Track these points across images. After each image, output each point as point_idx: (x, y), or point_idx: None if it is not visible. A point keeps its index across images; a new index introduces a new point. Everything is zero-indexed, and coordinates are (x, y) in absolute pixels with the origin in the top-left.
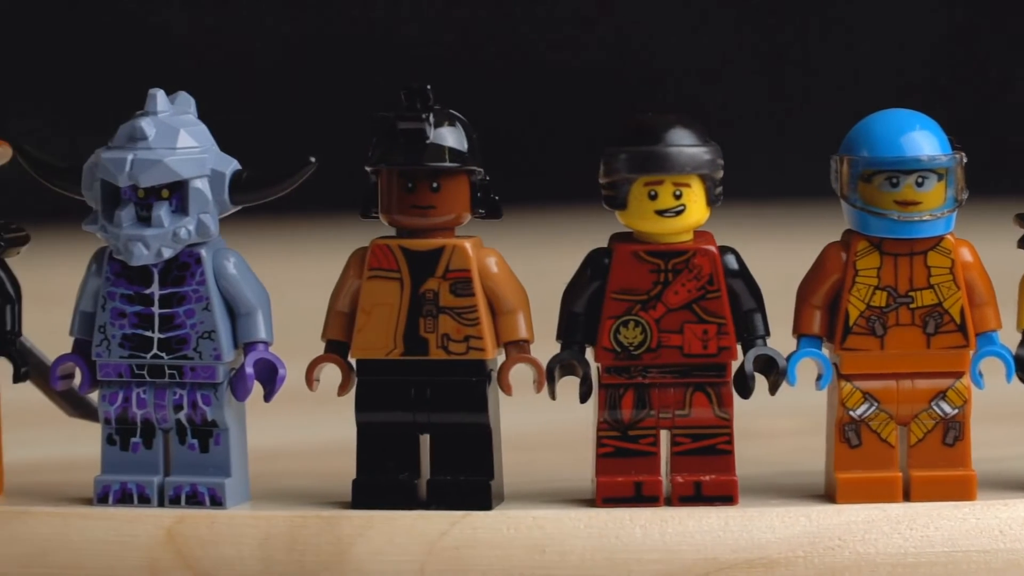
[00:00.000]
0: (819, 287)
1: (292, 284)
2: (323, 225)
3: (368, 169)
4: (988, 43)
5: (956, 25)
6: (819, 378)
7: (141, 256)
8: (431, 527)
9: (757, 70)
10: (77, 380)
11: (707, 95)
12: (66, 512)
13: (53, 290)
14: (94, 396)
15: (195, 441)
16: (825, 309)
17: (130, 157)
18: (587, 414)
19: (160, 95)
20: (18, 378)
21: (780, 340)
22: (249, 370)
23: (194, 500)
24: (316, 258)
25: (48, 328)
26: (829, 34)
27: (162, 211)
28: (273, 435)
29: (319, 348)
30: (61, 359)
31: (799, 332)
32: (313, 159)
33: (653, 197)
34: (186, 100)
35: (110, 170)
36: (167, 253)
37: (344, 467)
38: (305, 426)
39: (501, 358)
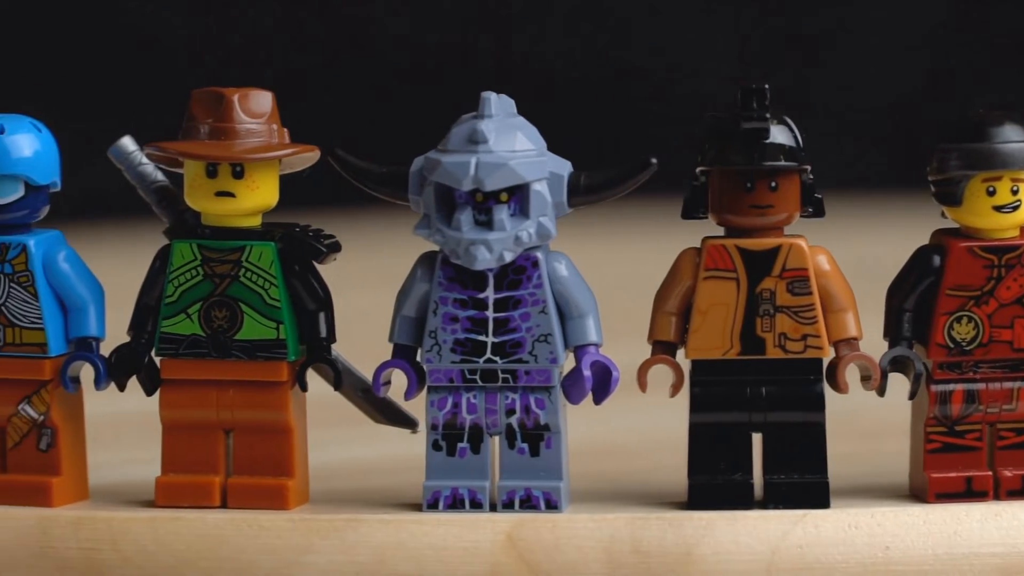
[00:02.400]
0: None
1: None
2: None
3: (699, 170)
4: (989, 43)
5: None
6: None
7: (484, 260)
8: (773, 527)
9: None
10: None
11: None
12: (399, 519)
13: None
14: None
15: (525, 445)
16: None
17: (473, 160)
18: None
19: (494, 97)
20: (338, 386)
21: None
22: (587, 372)
23: (528, 504)
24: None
25: None
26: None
27: (503, 214)
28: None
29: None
30: (384, 366)
31: None
32: (654, 160)
33: (991, 193)
34: (508, 102)
35: (452, 174)
36: (508, 257)
37: (641, 465)
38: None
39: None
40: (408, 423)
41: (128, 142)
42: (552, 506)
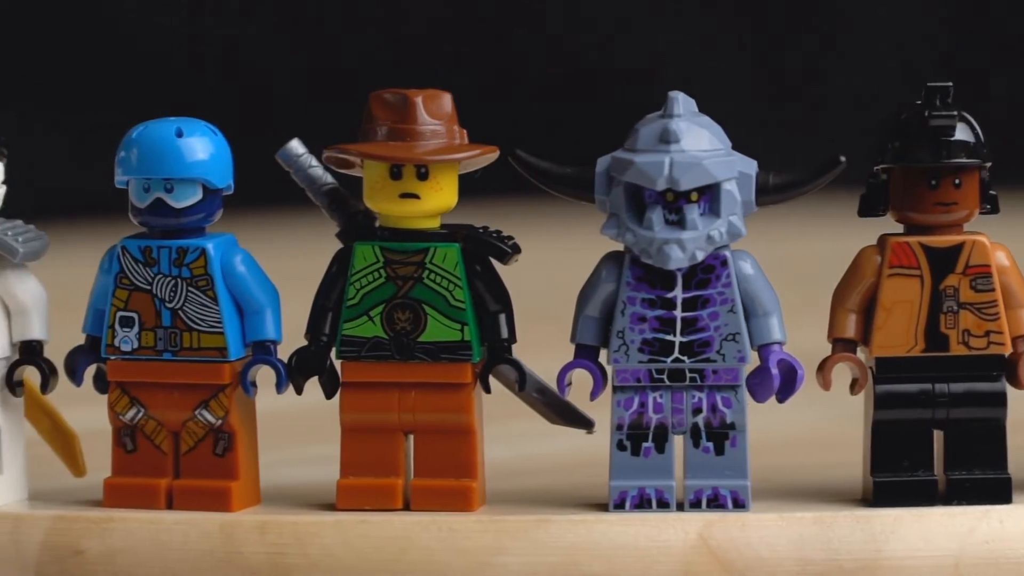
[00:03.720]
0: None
1: None
2: None
3: (879, 168)
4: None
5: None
6: None
7: (677, 259)
8: (959, 523)
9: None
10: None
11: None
12: (588, 519)
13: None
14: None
15: (710, 444)
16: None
17: (667, 160)
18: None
19: (681, 97)
20: (523, 387)
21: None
22: (774, 371)
23: (715, 503)
24: None
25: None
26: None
27: (694, 214)
28: None
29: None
30: (569, 366)
31: None
32: (843, 158)
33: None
34: (690, 101)
35: (646, 173)
36: (700, 256)
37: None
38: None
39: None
40: (585, 423)
41: (296, 145)
42: (740, 505)
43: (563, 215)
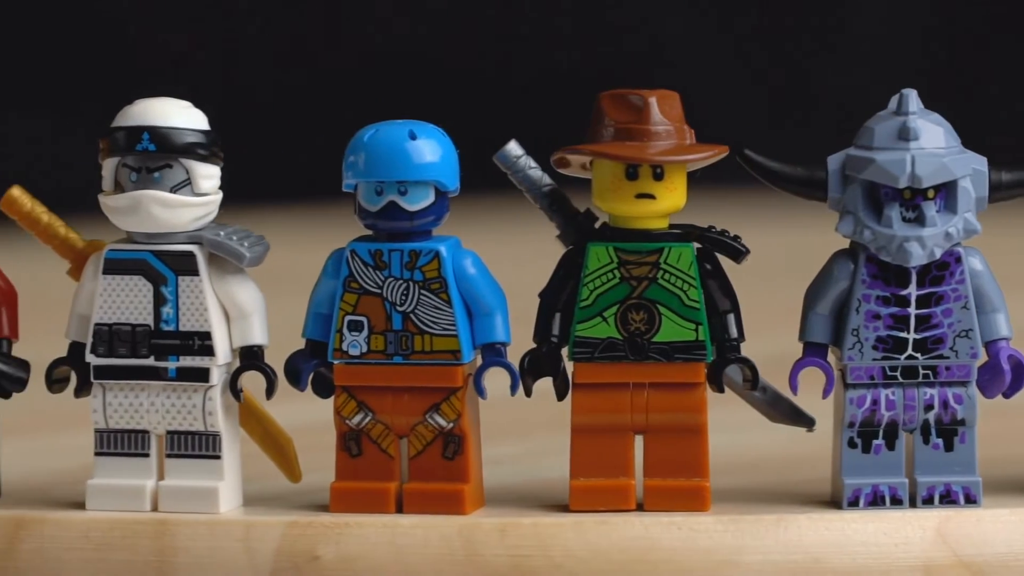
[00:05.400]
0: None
1: None
2: None
3: None
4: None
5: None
6: None
7: (917, 256)
8: None
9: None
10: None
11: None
12: (825, 517)
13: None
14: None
15: (939, 440)
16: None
17: (908, 157)
18: None
19: (914, 95)
20: (756, 386)
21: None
22: (1006, 367)
23: (947, 500)
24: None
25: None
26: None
27: (932, 211)
28: None
29: None
30: (801, 364)
31: None
32: None
33: None
34: (916, 98)
35: (887, 171)
36: (938, 253)
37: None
38: None
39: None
40: (806, 421)
41: (514, 147)
42: (971, 501)
43: None
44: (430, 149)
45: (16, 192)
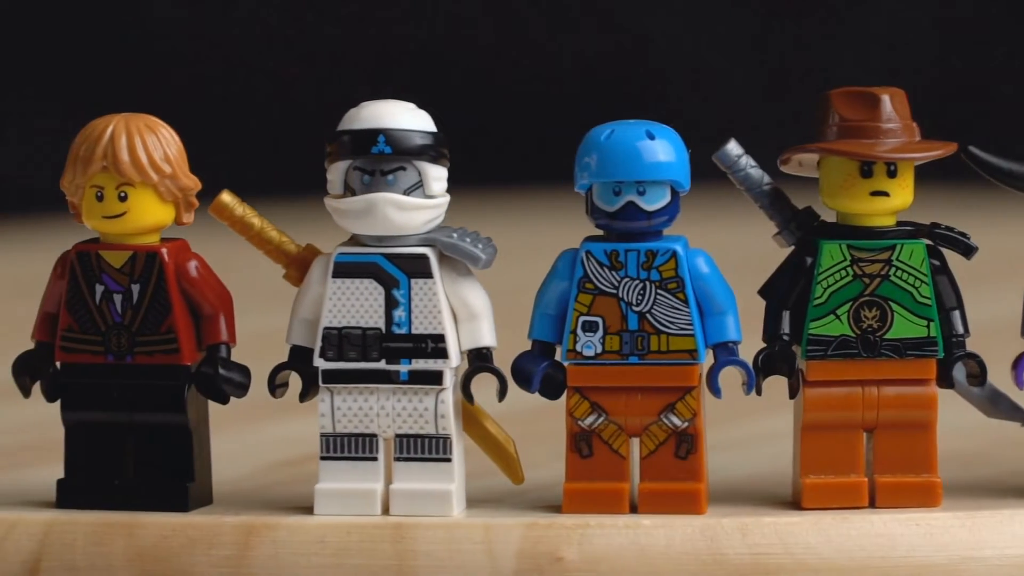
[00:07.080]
0: None
1: None
2: None
3: None
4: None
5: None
6: None
7: None
8: None
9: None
10: None
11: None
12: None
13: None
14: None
15: None
16: None
17: None
18: None
19: None
20: (984, 382)
21: None
22: None
23: None
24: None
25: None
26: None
27: None
28: None
29: None
30: None
31: None
32: None
33: None
34: None
35: None
36: None
37: None
38: None
39: None
40: (1022, 416)
41: (734, 146)
42: None
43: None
44: (667, 149)
45: (226, 198)
